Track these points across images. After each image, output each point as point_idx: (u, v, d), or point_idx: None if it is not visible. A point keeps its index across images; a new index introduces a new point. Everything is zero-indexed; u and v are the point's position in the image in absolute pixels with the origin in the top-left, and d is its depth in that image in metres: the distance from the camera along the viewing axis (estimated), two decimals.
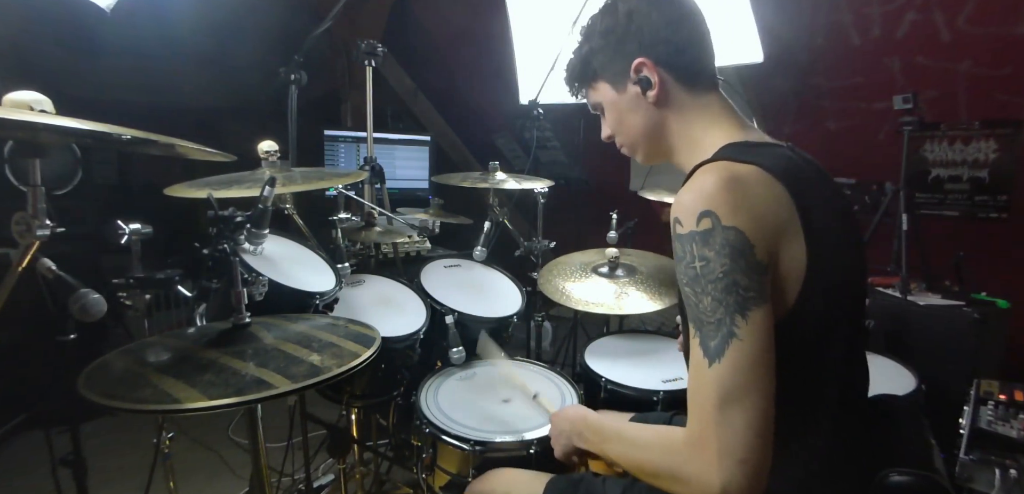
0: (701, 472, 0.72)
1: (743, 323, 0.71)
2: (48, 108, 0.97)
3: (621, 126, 0.97)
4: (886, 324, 1.87)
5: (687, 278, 0.75)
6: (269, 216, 1.10)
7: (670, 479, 0.78)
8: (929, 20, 2.14)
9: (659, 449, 0.82)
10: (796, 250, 0.75)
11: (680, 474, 0.76)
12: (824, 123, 2.60)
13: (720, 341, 0.72)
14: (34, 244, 0.94)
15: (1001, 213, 2.15)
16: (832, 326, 0.79)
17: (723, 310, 0.72)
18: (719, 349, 0.72)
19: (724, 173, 0.75)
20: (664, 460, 0.80)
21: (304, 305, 1.38)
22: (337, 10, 1.85)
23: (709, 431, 0.71)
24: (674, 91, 0.90)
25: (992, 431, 1.40)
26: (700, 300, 0.74)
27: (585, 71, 0.98)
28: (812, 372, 0.80)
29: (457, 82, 4.12)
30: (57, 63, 3.00)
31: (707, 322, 0.73)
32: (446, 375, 1.59)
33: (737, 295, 0.71)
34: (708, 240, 0.73)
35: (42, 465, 1.14)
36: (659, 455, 0.81)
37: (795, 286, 0.75)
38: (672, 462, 0.77)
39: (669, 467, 0.78)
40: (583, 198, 3.45)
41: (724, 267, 0.72)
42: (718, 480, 0.69)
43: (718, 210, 0.72)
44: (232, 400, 0.82)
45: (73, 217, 1.03)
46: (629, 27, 0.89)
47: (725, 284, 0.72)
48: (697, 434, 0.73)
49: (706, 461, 0.71)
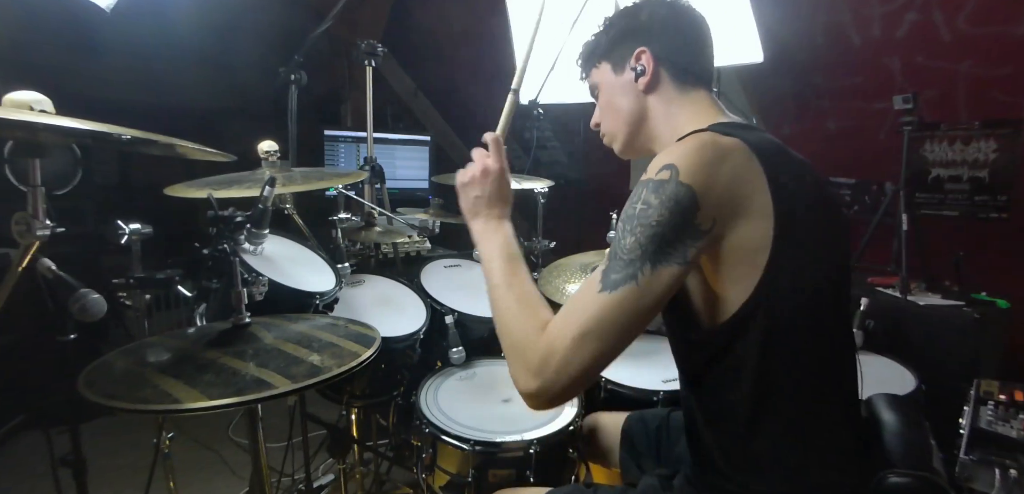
0: (536, 364, 0.78)
1: (649, 273, 0.75)
2: (48, 108, 0.97)
3: (609, 108, 1.03)
4: (886, 324, 1.87)
5: (625, 215, 0.79)
6: (269, 216, 1.10)
7: (513, 347, 0.83)
8: (929, 20, 2.14)
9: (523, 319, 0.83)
10: (756, 232, 0.77)
11: (524, 351, 0.80)
12: (824, 123, 2.60)
13: (621, 278, 0.75)
14: (34, 244, 0.94)
15: (1001, 213, 2.15)
16: (805, 313, 0.80)
17: (639, 254, 0.75)
18: (616, 283, 0.75)
19: (704, 138, 0.79)
20: (519, 326, 0.83)
21: (304, 305, 1.38)
22: (337, 10, 1.85)
23: (566, 341, 0.76)
24: (664, 82, 0.96)
25: (992, 431, 1.39)
26: (624, 237, 0.77)
27: (595, 50, 1.04)
28: (789, 362, 0.80)
29: (457, 82, 4.11)
30: (57, 63, 3.00)
31: (619, 257, 0.76)
32: (446, 375, 1.59)
33: (658, 246, 0.75)
34: (658, 189, 0.76)
35: (42, 465, 1.14)
36: (520, 316, 0.84)
37: (754, 269, 0.77)
38: (525, 334, 0.81)
39: (521, 336, 0.82)
40: (583, 198, 3.45)
41: (660, 218, 0.75)
42: (539, 384, 0.77)
43: (680, 165, 0.76)
44: (232, 400, 0.82)
45: (73, 217, 1.02)
46: (642, 22, 0.97)
47: (652, 232, 0.75)
48: (556, 336, 0.77)
49: (544, 359, 0.77)
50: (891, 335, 1.86)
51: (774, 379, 0.80)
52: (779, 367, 0.80)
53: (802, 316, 0.80)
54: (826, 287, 0.83)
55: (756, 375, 0.80)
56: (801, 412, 0.81)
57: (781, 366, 0.80)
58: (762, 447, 0.82)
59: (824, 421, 0.83)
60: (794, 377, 0.81)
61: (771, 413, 0.81)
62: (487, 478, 1.27)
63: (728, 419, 0.85)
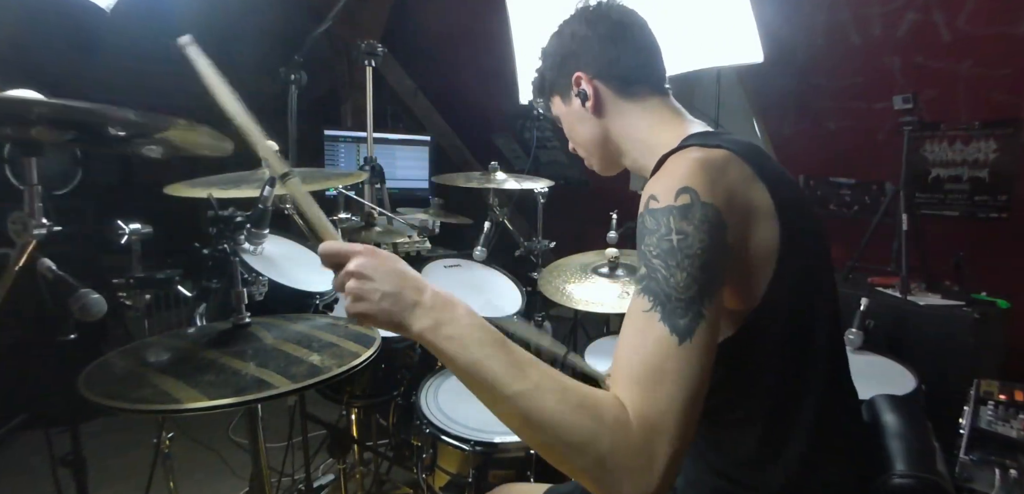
0: (642, 462, 0.62)
1: (709, 306, 0.68)
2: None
3: (574, 136, 1.03)
4: (886, 324, 1.87)
5: (660, 251, 0.70)
6: (269, 216, 1.10)
7: (599, 461, 0.62)
8: (929, 20, 2.14)
9: (586, 418, 0.63)
10: (767, 233, 0.75)
11: (616, 455, 0.62)
12: (824, 123, 2.60)
13: (690, 320, 0.66)
14: (31, 243, 0.94)
15: (1001, 213, 2.15)
16: (808, 316, 0.80)
17: (697, 289, 0.68)
18: (689, 328, 0.66)
19: (698, 155, 0.76)
20: (592, 434, 0.63)
21: (304, 305, 1.39)
22: (337, 10, 1.85)
23: (671, 416, 0.63)
24: (610, 100, 0.94)
25: (992, 431, 1.39)
26: (672, 274, 0.68)
27: (541, 88, 1.04)
28: (793, 367, 0.80)
29: (457, 82, 4.11)
30: (57, 63, 3.00)
31: (677, 298, 0.67)
32: (446, 375, 1.59)
33: (709, 275, 0.69)
34: (687, 214, 0.70)
35: (42, 465, 1.14)
36: (584, 421, 0.63)
37: (767, 271, 0.75)
38: (607, 439, 0.62)
39: (603, 444, 0.62)
40: (583, 198, 3.44)
41: (702, 243, 0.69)
42: (655, 482, 0.62)
43: (697, 187, 0.71)
44: (232, 400, 0.82)
45: (73, 217, 1.02)
46: (570, 46, 0.96)
47: (702, 261, 0.68)
48: (651, 414, 0.63)
49: (649, 450, 0.62)
50: (891, 335, 1.86)
51: (775, 382, 0.80)
52: (781, 370, 0.80)
53: (805, 317, 0.80)
54: (823, 286, 0.83)
55: (757, 379, 0.80)
56: (802, 413, 0.81)
57: (783, 369, 0.80)
58: (764, 449, 0.82)
59: (825, 421, 0.83)
60: (794, 378, 0.81)
61: (772, 415, 0.81)
62: (487, 478, 1.27)
63: (729, 422, 0.85)
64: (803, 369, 0.80)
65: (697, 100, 2.61)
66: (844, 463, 0.84)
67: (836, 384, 0.86)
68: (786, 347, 0.79)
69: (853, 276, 2.14)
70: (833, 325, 0.84)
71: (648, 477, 0.62)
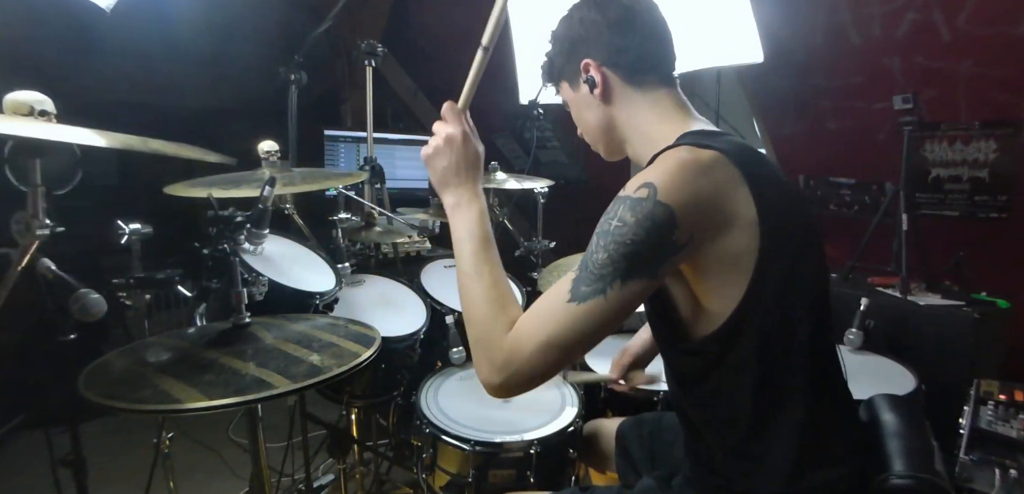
0: (499, 362, 0.80)
1: (618, 288, 0.75)
2: (49, 108, 0.97)
3: (581, 122, 1.03)
4: (886, 324, 1.86)
5: (600, 230, 0.79)
6: (269, 216, 1.10)
7: (479, 340, 0.84)
8: (929, 20, 2.13)
9: (490, 314, 0.84)
10: (745, 239, 0.77)
11: (489, 347, 0.82)
12: (824, 123, 2.60)
13: (590, 291, 0.76)
14: (33, 244, 0.94)
15: (1001, 213, 2.15)
16: (789, 320, 0.80)
17: (610, 270, 0.75)
18: (585, 295, 0.76)
19: (683, 155, 0.79)
20: (488, 322, 0.84)
21: (304, 305, 1.38)
22: (337, 10, 1.85)
23: (531, 347, 0.78)
24: (618, 88, 0.94)
25: (992, 431, 1.40)
26: (597, 251, 0.77)
27: (551, 73, 1.04)
28: (772, 369, 0.80)
29: (457, 82, 4.09)
30: (57, 63, 3.00)
31: (590, 270, 0.77)
32: (446, 375, 1.59)
33: (629, 264, 0.75)
34: (635, 208, 0.75)
35: (42, 465, 1.14)
36: (489, 313, 0.84)
37: (744, 275, 0.77)
38: (492, 331, 0.83)
39: (488, 331, 0.83)
40: (583, 198, 3.45)
41: (635, 237, 0.74)
42: (500, 380, 0.81)
43: (659, 184, 0.75)
44: (232, 400, 0.82)
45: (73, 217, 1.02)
46: (579, 32, 0.95)
47: (625, 251, 0.75)
48: (523, 340, 0.79)
49: (508, 359, 0.80)
50: (891, 335, 1.86)
51: (771, 382, 0.81)
52: (776, 370, 0.80)
53: (795, 318, 0.81)
54: (815, 288, 0.84)
55: (753, 379, 0.80)
56: (800, 413, 0.81)
57: (778, 369, 0.81)
58: (762, 448, 0.82)
59: (822, 421, 0.83)
60: (791, 379, 0.82)
61: (770, 415, 0.82)
62: (487, 478, 1.27)
63: (727, 422, 0.85)
64: (783, 371, 0.81)
65: (697, 100, 2.61)
66: (841, 464, 0.84)
67: (824, 385, 0.86)
68: (765, 348, 0.79)
69: (853, 276, 2.14)
70: (819, 328, 0.84)
71: (494, 375, 0.81)
